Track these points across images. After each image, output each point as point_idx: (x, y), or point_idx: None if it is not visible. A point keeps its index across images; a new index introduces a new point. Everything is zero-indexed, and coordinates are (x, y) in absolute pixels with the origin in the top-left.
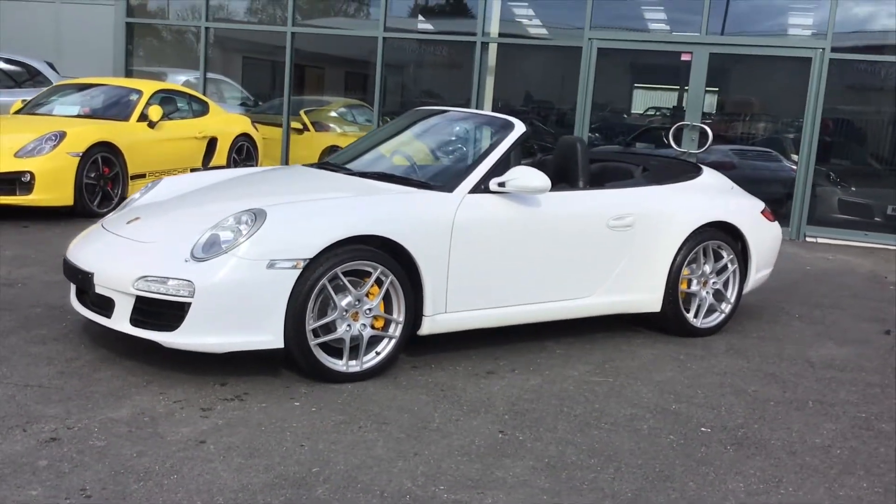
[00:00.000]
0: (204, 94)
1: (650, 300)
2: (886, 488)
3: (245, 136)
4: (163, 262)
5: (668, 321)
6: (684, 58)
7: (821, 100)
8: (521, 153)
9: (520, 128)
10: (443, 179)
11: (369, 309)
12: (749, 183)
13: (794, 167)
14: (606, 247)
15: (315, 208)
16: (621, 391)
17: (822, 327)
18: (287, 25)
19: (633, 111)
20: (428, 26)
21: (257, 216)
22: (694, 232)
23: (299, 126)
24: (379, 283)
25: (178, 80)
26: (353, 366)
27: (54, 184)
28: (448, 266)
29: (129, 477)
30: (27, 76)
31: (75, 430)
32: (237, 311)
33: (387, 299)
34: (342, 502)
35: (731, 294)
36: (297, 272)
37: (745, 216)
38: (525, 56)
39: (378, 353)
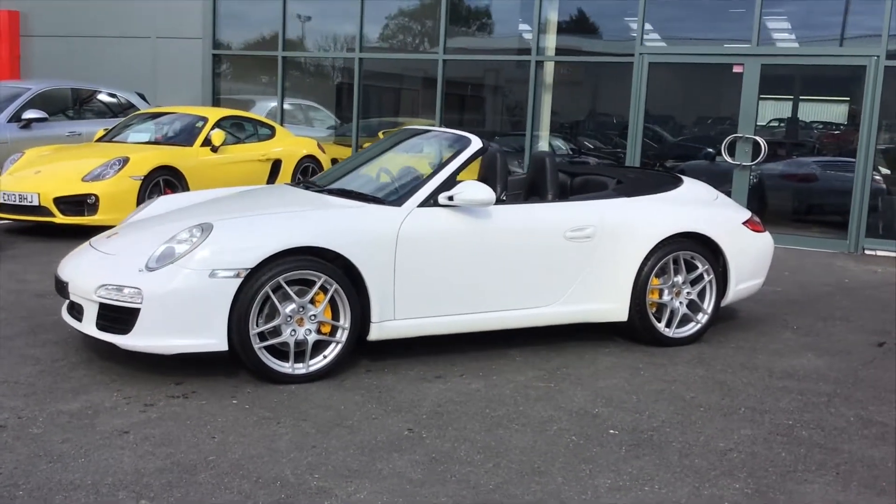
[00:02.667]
0: (281, 118)
1: (615, 309)
2: (758, 489)
3: (311, 158)
4: (120, 272)
5: (637, 331)
6: (736, 69)
7: (877, 108)
8: (507, 170)
9: (475, 144)
10: (395, 194)
11: (314, 315)
12: (832, 195)
13: (879, 178)
14: (565, 257)
15: (260, 222)
16: (555, 396)
17: (812, 339)
18: (355, 52)
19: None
20: (485, 47)
21: (204, 229)
22: (661, 242)
23: None
24: (324, 290)
25: (267, 106)
26: (300, 368)
27: (117, 205)
28: (394, 275)
29: (43, 459)
30: (121, 107)
31: (24, 419)
32: (182, 316)
33: (334, 306)
34: (216, 485)
35: (708, 305)
36: (239, 281)
37: (721, 226)
38: (587, 73)
39: (325, 357)
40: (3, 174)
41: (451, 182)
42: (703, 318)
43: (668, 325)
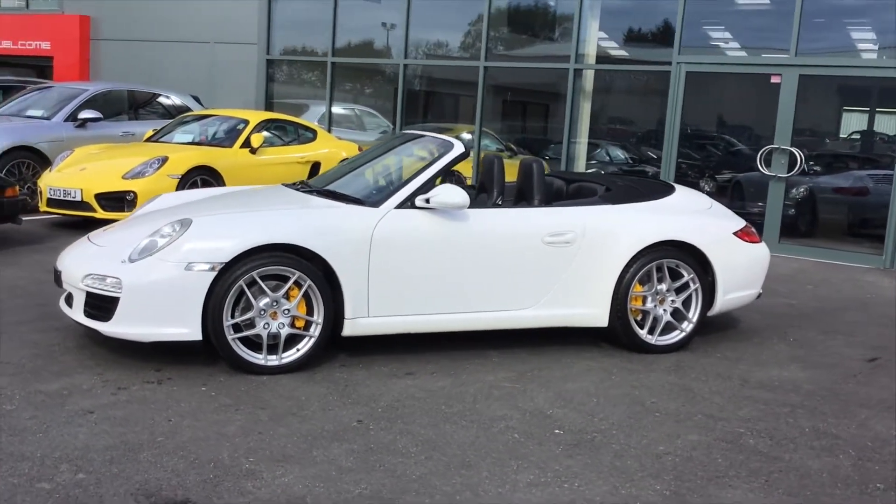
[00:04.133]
0: (329, 122)
1: (595, 315)
2: (676, 492)
3: None
4: (105, 263)
5: (619, 337)
6: (774, 80)
7: None
8: (504, 176)
9: (457, 150)
10: (375, 196)
11: (287, 309)
12: (875, 208)
13: None
14: (543, 262)
15: (237, 219)
16: (517, 395)
17: (804, 351)
18: (400, 58)
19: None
20: (524, 54)
21: (183, 224)
22: (644, 250)
23: None
24: (299, 286)
25: (319, 111)
26: (272, 360)
27: None
28: (368, 273)
29: (4, 433)
30: (175, 110)
31: (1, 397)
32: (158, 306)
33: (309, 302)
34: (153, 463)
35: (693, 313)
36: (213, 274)
37: (708, 235)
38: (621, 81)
39: (298, 350)
40: (52, 171)
41: (429, 185)
42: (687, 326)
43: (652, 332)
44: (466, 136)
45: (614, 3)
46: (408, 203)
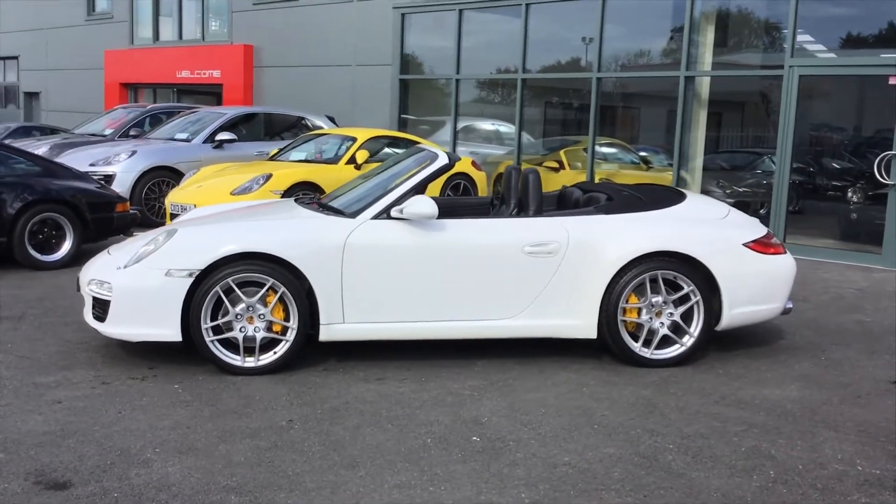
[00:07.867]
0: (454, 137)
1: (582, 326)
2: (538, 501)
3: (462, 175)
4: (105, 270)
5: (611, 349)
6: (892, 81)
7: None
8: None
9: (439, 161)
10: (356, 207)
11: (262, 314)
12: None
13: None
14: (523, 272)
15: (217, 230)
16: (466, 404)
17: (822, 371)
18: (518, 73)
19: None
20: (637, 63)
21: (169, 234)
22: (634, 260)
23: (555, 164)
24: (275, 292)
25: (458, 126)
26: (250, 361)
27: None
28: (342, 282)
29: None
30: (309, 129)
31: None
32: (141, 308)
33: (286, 308)
34: (69, 448)
35: (695, 327)
36: (191, 280)
37: (709, 246)
38: (734, 87)
39: (275, 353)
40: (178, 188)
41: (408, 196)
42: (688, 340)
43: (647, 345)
44: (609, 149)
45: (725, 8)
46: (384, 214)
